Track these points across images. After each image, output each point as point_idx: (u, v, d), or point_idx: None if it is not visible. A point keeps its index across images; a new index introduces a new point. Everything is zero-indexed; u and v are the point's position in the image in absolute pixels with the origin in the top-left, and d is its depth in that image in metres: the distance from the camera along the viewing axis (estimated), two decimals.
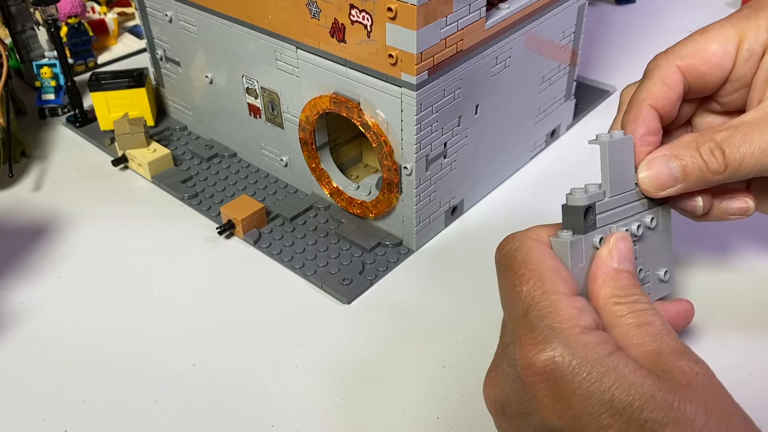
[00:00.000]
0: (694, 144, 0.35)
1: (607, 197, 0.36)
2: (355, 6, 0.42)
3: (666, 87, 0.36)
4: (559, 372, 0.27)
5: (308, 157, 0.53)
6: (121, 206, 0.57)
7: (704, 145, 0.34)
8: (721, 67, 0.36)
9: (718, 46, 0.36)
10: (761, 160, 0.34)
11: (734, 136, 0.34)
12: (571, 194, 0.35)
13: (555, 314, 0.28)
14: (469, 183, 0.53)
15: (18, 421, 0.40)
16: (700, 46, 0.36)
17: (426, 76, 0.43)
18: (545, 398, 0.27)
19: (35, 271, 0.51)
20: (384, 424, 0.39)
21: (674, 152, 0.35)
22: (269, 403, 0.41)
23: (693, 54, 0.36)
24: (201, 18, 0.55)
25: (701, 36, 0.37)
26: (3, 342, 0.45)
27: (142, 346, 0.44)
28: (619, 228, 0.36)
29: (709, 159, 0.34)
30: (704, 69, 0.36)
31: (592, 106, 0.66)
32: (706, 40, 0.36)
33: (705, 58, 0.36)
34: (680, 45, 0.37)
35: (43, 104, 0.67)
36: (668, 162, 0.35)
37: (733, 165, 0.34)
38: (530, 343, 0.28)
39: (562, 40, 0.56)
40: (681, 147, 0.35)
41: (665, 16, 0.84)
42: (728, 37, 0.36)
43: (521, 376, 0.28)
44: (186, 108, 0.64)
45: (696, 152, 0.35)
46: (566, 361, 0.27)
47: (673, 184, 0.36)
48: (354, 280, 0.48)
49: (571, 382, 0.26)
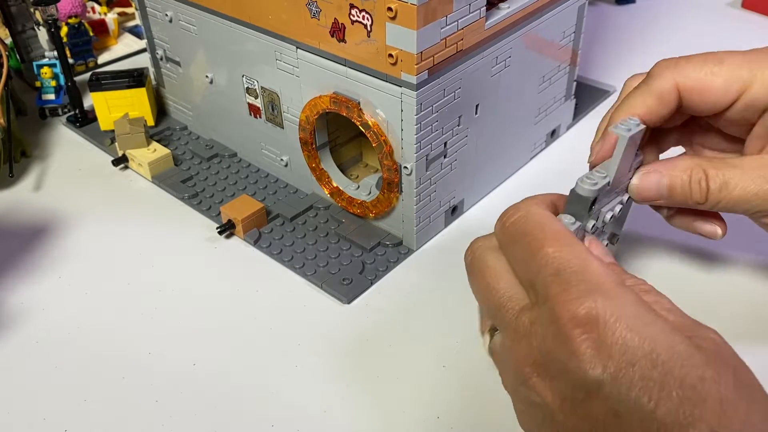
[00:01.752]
0: (688, 171, 0.37)
1: (608, 187, 0.37)
2: (355, 6, 0.42)
3: (660, 102, 0.38)
4: (602, 322, 0.27)
5: (308, 157, 0.53)
6: (121, 206, 0.57)
7: (696, 175, 0.37)
8: (717, 105, 0.37)
9: (722, 85, 0.37)
10: (738, 205, 0.37)
11: (721, 177, 0.37)
12: (582, 183, 0.35)
13: (588, 272, 0.29)
14: (469, 183, 0.53)
15: (18, 421, 0.40)
16: (706, 76, 0.37)
17: (426, 75, 0.43)
18: (588, 349, 0.27)
19: (35, 271, 0.51)
20: (384, 424, 0.39)
21: (669, 172, 0.38)
22: (269, 403, 0.41)
23: (697, 79, 0.37)
24: (201, 18, 0.55)
25: (714, 64, 0.37)
26: (3, 342, 0.45)
27: (142, 346, 0.44)
28: (606, 213, 0.38)
29: (695, 189, 0.37)
30: (701, 98, 0.37)
31: (592, 106, 0.66)
32: (714, 74, 0.37)
33: (706, 89, 0.37)
34: (691, 63, 0.38)
35: (44, 104, 0.67)
36: (660, 179, 0.38)
37: (712, 201, 0.37)
38: (570, 299, 0.28)
39: (562, 40, 0.56)
40: (676, 169, 0.38)
41: (665, 16, 0.84)
42: (736, 79, 0.37)
43: (563, 331, 0.28)
44: (186, 108, 0.64)
45: (687, 178, 0.37)
46: (609, 312, 0.27)
47: (657, 198, 0.38)
48: (354, 279, 0.48)
49: (614, 331, 0.27)
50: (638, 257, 0.49)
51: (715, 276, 0.48)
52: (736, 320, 0.44)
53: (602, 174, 0.36)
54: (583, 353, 0.27)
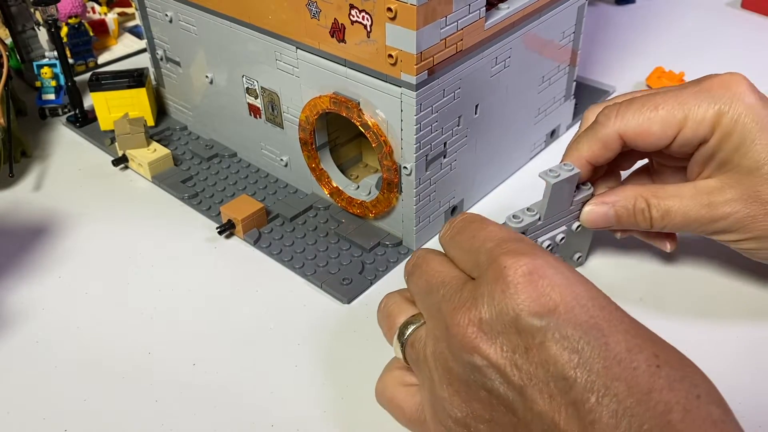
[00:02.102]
0: (632, 200, 0.42)
1: (541, 221, 0.42)
2: (355, 6, 0.42)
3: (603, 147, 0.42)
4: (550, 271, 0.30)
5: (308, 157, 0.53)
6: (121, 206, 0.57)
7: (639, 205, 0.42)
8: (657, 145, 0.42)
9: (659, 130, 0.41)
10: (681, 228, 0.42)
11: (663, 206, 0.42)
12: (509, 221, 0.42)
13: (527, 240, 0.33)
14: (468, 183, 0.53)
15: (18, 421, 0.40)
16: (644, 123, 0.41)
17: (426, 76, 0.43)
18: (534, 293, 0.29)
19: (35, 271, 0.51)
20: (384, 423, 0.39)
21: (615, 203, 0.43)
22: (269, 403, 0.41)
23: (637, 126, 0.41)
24: (201, 18, 0.55)
25: (650, 110, 0.41)
26: (3, 342, 0.45)
27: (142, 346, 0.45)
28: (545, 241, 0.44)
29: (639, 217, 0.42)
30: (643, 142, 0.42)
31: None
32: (650, 121, 0.41)
33: (645, 135, 0.41)
34: (630, 110, 0.42)
35: (44, 104, 0.67)
36: (608, 211, 0.43)
37: (657, 227, 0.42)
38: (515, 256, 0.30)
39: (562, 40, 0.56)
40: (621, 199, 0.43)
41: (665, 17, 0.84)
42: (672, 121, 0.41)
43: (511, 281, 0.29)
44: (186, 108, 0.64)
45: (632, 208, 0.42)
46: (548, 264, 0.30)
47: (607, 225, 0.44)
48: (354, 279, 0.48)
49: (554, 275, 0.30)
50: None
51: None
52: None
53: (532, 212, 0.42)
54: (532, 299, 0.29)
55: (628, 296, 0.46)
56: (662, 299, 0.46)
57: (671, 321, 0.45)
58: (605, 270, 0.49)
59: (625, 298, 0.46)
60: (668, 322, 0.45)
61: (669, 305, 0.46)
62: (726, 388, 0.28)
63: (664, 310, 0.46)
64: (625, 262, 0.49)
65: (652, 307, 0.46)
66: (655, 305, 0.46)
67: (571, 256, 0.48)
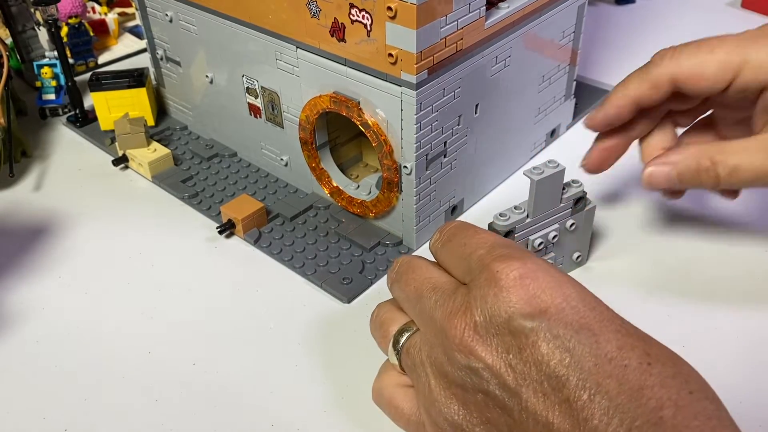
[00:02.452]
0: (695, 159, 0.40)
1: (529, 219, 0.42)
2: (355, 5, 0.42)
3: (652, 89, 0.41)
4: (540, 274, 0.30)
5: (308, 156, 0.53)
6: (121, 206, 0.57)
7: (704, 163, 0.40)
8: (710, 90, 0.40)
9: (714, 73, 0.39)
10: (751, 183, 0.40)
11: (729, 162, 0.39)
12: (496, 219, 0.42)
13: (516, 245, 0.33)
14: (469, 182, 0.53)
15: (18, 421, 0.40)
16: (700, 65, 0.39)
17: (426, 75, 0.43)
18: (527, 296, 0.29)
19: (35, 271, 0.51)
20: (384, 423, 0.39)
21: (677, 162, 0.41)
22: (269, 403, 0.41)
23: (692, 68, 0.40)
24: (201, 18, 0.55)
25: (707, 52, 0.39)
26: (3, 342, 0.45)
27: (142, 346, 0.44)
28: (536, 239, 0.43)
29: (704, 176, 0.40)
30: (695, 86, 0.40)
31: (592, 105, 0.66)
32: (705, 63, 0.39)
33: (701, 76, 0.40)
34: (686, 52, 0.40)
35: (44, 104, 0.67)
36: (670, 171, 0.41)
37: (724, 184, 0.40)
38: (507, 261, 0.31)
39: (562, 39, 0.56)
40: (684, 158, 0.40)
41: (665, 16, 0.84)
42: (729, 64, 0.39)
43: (503, 285, 0.30)
44: (186, 108, 0.64)
45: (695, 166, 0.40)
46: (542, 266, 0.31)
47: (667, 186, 0.42)
48: (354, 279, 0.48)
49: (545, 278, 0.30)
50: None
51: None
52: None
53: (519, 210, 0.42)
54: (524, 301, 0.29)
55: (628, 296, 0.46)
56: (662, 299, 0.46)
57: (672, 320, 0.45)
58: (605, 270, 0.49)
59: (626, 298, 0.46)
60: (669, 321, 0.45)
61: (669, 305, 0.46)
62: (726, 388, 0.28)
63: (664, 309, 0.46)
64: (625, 261, 0.49)
65: (652, 306, 0.46)
66: (655, 305, 0.46)
67: (571, 256, 0.47)
